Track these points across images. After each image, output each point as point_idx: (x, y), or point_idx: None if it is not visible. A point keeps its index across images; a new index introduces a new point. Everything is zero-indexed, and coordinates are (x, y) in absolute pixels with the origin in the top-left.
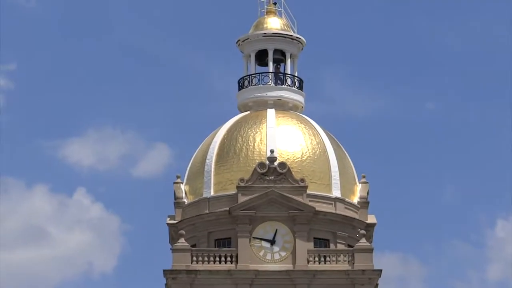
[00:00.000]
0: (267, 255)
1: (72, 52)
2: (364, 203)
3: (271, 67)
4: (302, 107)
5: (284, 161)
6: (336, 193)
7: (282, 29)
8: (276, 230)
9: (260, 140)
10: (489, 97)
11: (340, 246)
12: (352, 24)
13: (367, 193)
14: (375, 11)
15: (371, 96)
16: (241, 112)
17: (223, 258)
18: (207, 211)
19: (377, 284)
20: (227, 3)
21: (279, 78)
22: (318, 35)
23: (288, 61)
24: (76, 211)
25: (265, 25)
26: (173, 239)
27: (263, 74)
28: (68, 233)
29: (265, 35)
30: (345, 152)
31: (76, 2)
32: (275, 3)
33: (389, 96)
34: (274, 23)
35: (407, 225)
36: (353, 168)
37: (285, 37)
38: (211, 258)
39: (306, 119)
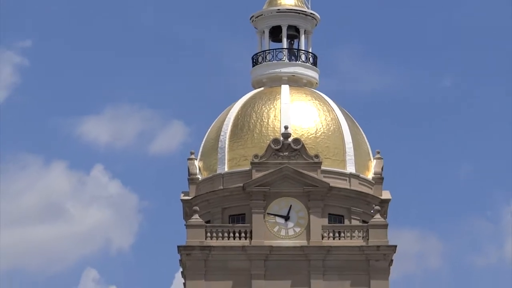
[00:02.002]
0: (282, 231)
1: (89, 30)
2: (379, 179)
3: (285, 43)
4: (317, 83)
5: (298, 137)
6: (350, 169)
7: (296, 5)
8: (291, 206)
9: (274, 116)
10: (506, 74)
11: (355, 222)
12: (366, 0)
13: (382, 169)
14: None
15: (386, 72)
16: (255, 89)
17: (237, 234)
18: (221, 187)
19: (391, 260)
20: None
21: (293, 54)
22: (332, 11)
23: (302, 37)
24: (94, 188)
25: (279, 1)
26: (187, 215)
27: (277, 50)
28: (86, 210)
29: (279, 11)
30: (360, 128)
31: None
32: None
33: (404, 72)
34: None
35: (423, 201)
36: (368, 144)
37: (299, 13)
38: (225, 234)
39: (320, 95)
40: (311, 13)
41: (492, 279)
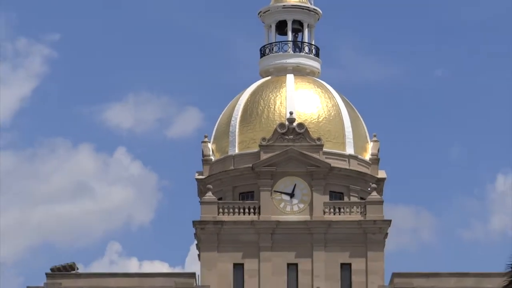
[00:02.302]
0: (287, 207)
1: (112, 24)
2: (375, 160)
3: (290, 36)
4: (319, 72)
5: (302, 122)
6: (349, 150)
7: (300, 1)
8: (295, 184)
9: (280, 103)
10: (493, 66)
11: (353, 199)
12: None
13: (378, 150)
14: None
15: (383, 63)
16: (263, 78)
17: (246, 210)
18: (232, 167)
19: (387, 233)
20: None
21: (297, 46)
22: (333, 6)
23: (306, 31)
24: (117, 168)
25: None
26: (201, 193)
27: (282, 42)
28: (110, 188)
29: (284, 7)
30: (358, 113)
31: None
32: None
33: (399, 63)
34: None
35: (417, 180)
36: (365, 128)
37: (303, 9)
38: (236, 210)
39: (322, 83)
40: (314, 9)
41: (479, 251)
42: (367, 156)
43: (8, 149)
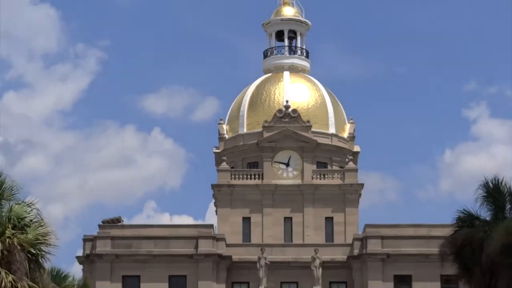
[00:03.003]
0: (284, 173)
1: (148, 33)
2: (351, 137)
3: (286, 42)
4: (308, 70)
5: (295, 108)
6: (332, 130)
7: (294, 15)
8: (290, 156)
9: (279, 93)
10: (439, 64)
11: (335, 167)
12: (345, 10)
13: (354, 130)
14: (364, 1)
15: (358, 62)
16: (265, 74)
17: (253, 176)
18: (242, 143)
19: (360, 194)
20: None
21: (292, 50)
22: (319, 19)
23: (298, 38)
24: (154, 144)
25: (282, 13)
26: (218, 163)
27: (280, 47)
28: (149, 160)
29: (282, 20)
30: (338, 101)
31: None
32: None
33: (371, 62)
34: (288, 11)
35: (384, 153)
36: (344, 112)
37: (296, 21)
38: (245, 176)
39: (311, 78)
40: (304, 21)
41: (431, 207)
42: (345, 135)
43: (70, 130)
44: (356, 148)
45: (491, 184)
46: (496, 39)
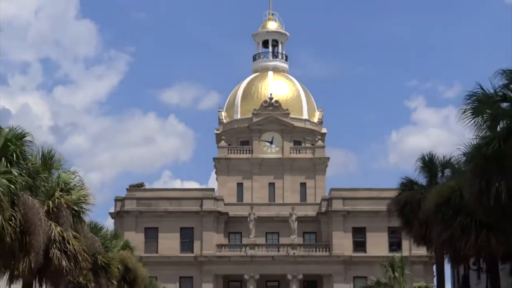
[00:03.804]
0: (268, 149)
1: (165, 40)
2: (320, 122)
3: (270, 49)
4: (287, 70)
5: (277, 99)
6: (305, 116)
7: (276, 28)
8: (273, 136)
9: (264, 88)
10: (385, 64)
11: (307, 144)
12: (316, 24)
13: (322, 116)
14: (332, 15)
15: (324, 64)
16: (254, 74)
17: (244, 151)
18: (236, 126)
19: (327, 165)
20: (250, 16)
21: (275, 55)
22: (296, 31)
23: (280, 46)
24: (170, 127)
25: (267, 26)
26: (218, 141)
27: (266, 52)
28: (166, 139)
29: (267, 32)
30: (310, 94)
31: (170, 15)
32: (272, 14)
33: (334, 64)
34: (272, 25)
35: (345, 134)
36: (314, 102)
37: (278, 33)
38: (238, 151)
39: (289, 76)
40: (284, 33)
41: (382, 175)
42: (315, 120)
43: (105, 116)
44: (324, 130)
45: (426, 158)
46: (431, 46)
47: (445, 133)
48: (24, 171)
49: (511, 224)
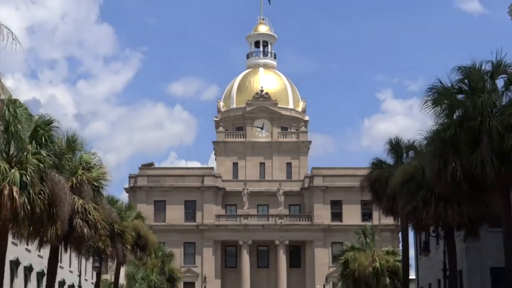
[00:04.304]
0: (259, 134)
1: (173, 43)
2: (304, 111)
3: (261, 48)
4: (275, 67)
5: (267, 91)
6: (291, 106)
7: (266, 31)
8: (263, 123)
9: (256, 82)
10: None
11: (293, 130)
12: (299, 28)
13: (305, 106)
14: (314, 20)
15: (306, 62)
16: (247, 69)
17: (239, 136)
18: (232, 114)
19: (309, 147)
20: (244, 21)
21: (265, 54)
22: (283, 33)
23: (269, 46)
24: (176, 115)
25: (258, 29)
26: (217, 127)
27: (257, 51)
28: (172, 125)
29: (258, 34)
30: (295, 87)
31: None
32: (263, 19)
33: (315, 61)
34: (262, 29)
35: (325, 121)
36: (298, 94)
37: (267, 35)
38: (234, 136)
39: (277, 72)
40: (273, 35)
41: (355, 157)
42: (299, 109)
43: (121, 105)
44: (307, 118)
45: (393, 141)
46: (398, 46)
47: (409, 120)
48: (51, 152)
49: (465, 198)
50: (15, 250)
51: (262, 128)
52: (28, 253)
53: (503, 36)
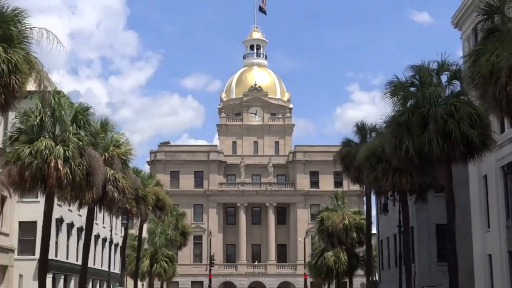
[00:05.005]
0: (253, 119)
1: (186, 46)
2: (288, 100)
3: (255, 50)
4: (266, 65)
5: (259, 85)
6: (278, 96)
7: (259, 37)
8: (257, 110)
9: (251, 77)
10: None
11: (280, 115)
12: (285, 35)
13: (290, 96)
14: (297, 28)
15: (292, 61)
16: (244, 67)
17: (238, 120)
18: (232, 103)
19: (293, 130)
20: (241, 28)
21: (258, 55)
22: (272, 39)
23: (261, 49)
24: (188, 103)
25: (253, 35)
26: (220, 113)
27: (252, 53)
28: (185, 112)
29: (253, 39)
30: (282, 81)
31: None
32: (256, 27)
33: (298, 61)
34: (256, 35)
35: (306, 109)
36: (285, 87)
37: (260, 40)
38: (234, 120)
39: (268, 70)
40: (265, 40)
41: (330, 137)
42: (285, 99)
43: (144, 96)
44: (291, 106)
45: (359, 125)
46: (363, 49)
47: (372, 108)
48: (88, 132)
49: (416, 169)
50: (59, 210)
51: (255, 114)
52: (70, 213)
53: (447, 41)
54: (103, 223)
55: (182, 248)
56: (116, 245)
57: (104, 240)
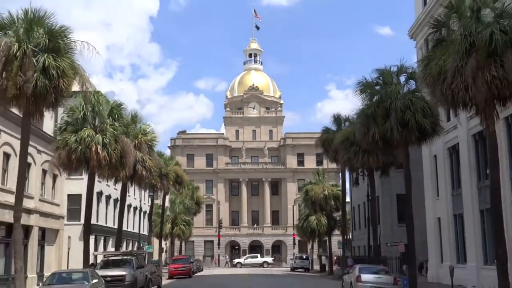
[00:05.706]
0: (252, 112)
1: (199, 54)
2: (280, 97)
3: (253, 58)
4: (262, 70)
5: (257, 85)
6: (271, 94)
7: (256, 47)
8: (254, 105)
9: (250, 79)
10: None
11: (273, 109)
12: (277, 45)
13: (281, 94)
14: (286, 40)
15: (282, 66)
16: (244, 71)
17: (240, 113)
18: (235, 100)
19: (283, 120)
20: (242, 40)
21: (255, 61)
22: (267, 48)
23: (258, 56)
24: (201, 101)
25: (251, 46)
26: (225, 108)
27: (250, 60)
28: (198, 107)
29: (251, 49)
30: (274, 82)
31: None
32: (254, 39)
33: (287, 65)
34: (253, 45)
35: (294, 104)
36: (276, 87)
37: (257, 49)
38: (236, 113)
39: (263, 73)
40: (261, 49)
41: (314, 125)
42: (277, 96)
43: (165, 94)
44: (282, 102)
45: (336, 116)
46: (337, 56)
47: (347, 103)
48: (121, 124)
49: (380, 151)
50: (99, 185)
51: (253, 108)
52: (108, 187)
53: (404, 49)
54: (134, 195)
55: (196, 214)
56: (145, 212)
57: (135, 208)
